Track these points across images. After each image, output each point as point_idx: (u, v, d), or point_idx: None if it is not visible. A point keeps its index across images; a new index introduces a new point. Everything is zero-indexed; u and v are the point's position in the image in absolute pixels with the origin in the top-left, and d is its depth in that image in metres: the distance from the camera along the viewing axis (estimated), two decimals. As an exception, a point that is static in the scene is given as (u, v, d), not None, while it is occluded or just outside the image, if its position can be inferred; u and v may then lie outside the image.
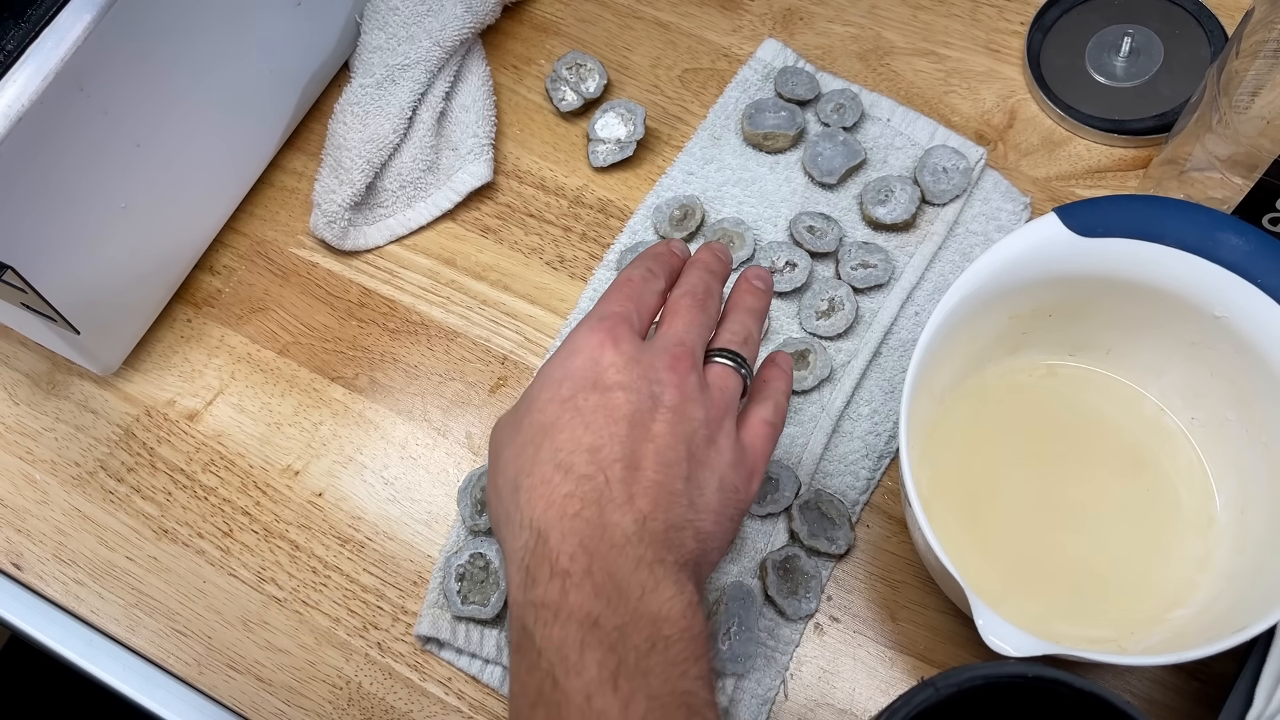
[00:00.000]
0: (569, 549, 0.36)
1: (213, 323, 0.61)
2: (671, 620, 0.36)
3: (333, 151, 0.61)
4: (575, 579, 0.36)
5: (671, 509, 0.39)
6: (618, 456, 0.38)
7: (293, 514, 0.57)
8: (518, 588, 0.37)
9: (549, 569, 0.36)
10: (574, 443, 0.39)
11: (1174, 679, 0.51)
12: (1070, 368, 0.54)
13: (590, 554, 0.36)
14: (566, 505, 0.37)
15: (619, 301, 0.43)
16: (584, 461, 0.38)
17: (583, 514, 0.37)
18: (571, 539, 0.36)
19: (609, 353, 0.40)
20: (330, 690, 0.53)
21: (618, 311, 0.42)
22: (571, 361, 0.41)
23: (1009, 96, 0.63)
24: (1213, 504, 0.51)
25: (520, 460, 0.40)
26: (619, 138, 0.62)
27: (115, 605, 0.56)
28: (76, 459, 0.58)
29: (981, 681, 0.39)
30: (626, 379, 0.40)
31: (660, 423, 0.40)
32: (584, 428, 0.39)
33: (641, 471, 0.39)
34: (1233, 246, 0.47)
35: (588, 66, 0.64)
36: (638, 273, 0.45)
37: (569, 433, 0.39)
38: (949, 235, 0.59)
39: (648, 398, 0.40)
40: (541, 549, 0.37)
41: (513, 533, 0.38)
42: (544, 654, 0.35)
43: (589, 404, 0.39)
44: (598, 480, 0.38)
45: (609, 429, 0.39)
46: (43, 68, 0.47)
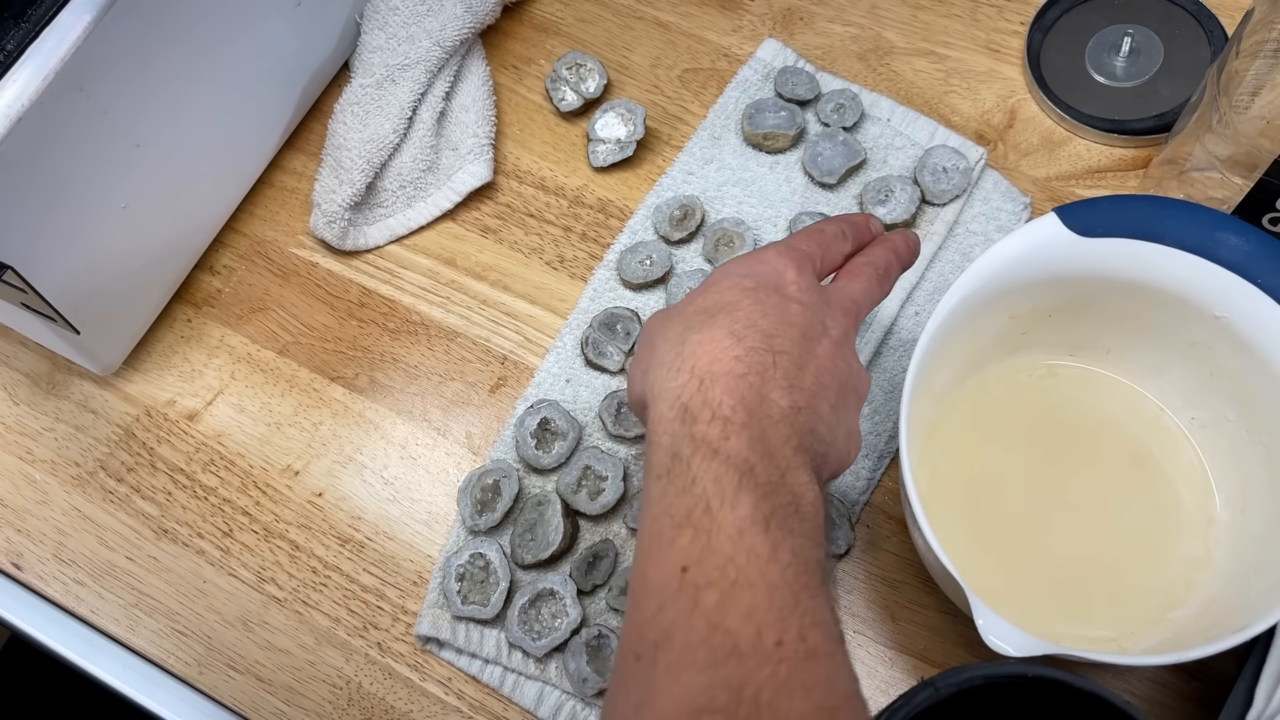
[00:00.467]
0: (731, 401, 0.37)
1: (213, 323, 0.61)
2: (808, 500, 0.37)
3: (333, 151, 0.61)
4: (735, 427, 0.36)
5: (819, 415, 0.39)
6: (786, 349, 0.39)
7: (293, 514, 0.57)
8: (673, 420, 0.37)
9: (710, 412, 0.37)
10: (750, 322, 0.39)
11: (1174, 679, 0.51)
12: (1070, 368, 0.54)
13: (749, 412, 0.37)
14: (734, 366, 0.38)
15: (808, 243, 0.45)
16: (757, 338, 0.39)
17: (747, 377, 0.38)
18: (734, 394, 0.37)
19: (792, 272, 0.42)
20: (330, 690, 0.53)
21: (805, 249, 0.44)
22: (757, 266, 0.42)
23: (1009, 96, 0.63)
24: (1212, 504, 0.51)
25: (690, 323, 0.40)
26: (619, 138, 0.62)
27: (115, 605, 0.56)
28: (76, 459, 0.58)
29: (981, 681, 0.39)
30: (805, 298, 0.41)
31: (825, 347, 0.41)
32: (762, 313, 0.40)
33: (805, 372, 0.39)
34: (1233, 246, 0.47)
35: (588, 66, 0.64)
36: (832, 228, 0.46)
37: (746, 313, 0.40)
38: (949, 235, 0.59)
39: (819, 323, 0.41)
40: (704, 392, 0.37)
41: (669, 375, 0.38)
42: (699, 481, 0.35)
43: (770, 300, 0.40)
44: (765, 359, 0.38)
45: (784, 326, 0.40)
46: (43, 68, 0.47)
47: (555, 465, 0.55)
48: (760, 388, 0.38)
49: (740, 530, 0.34)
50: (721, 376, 0.37)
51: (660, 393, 0.39)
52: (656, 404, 0.39)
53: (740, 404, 0.37)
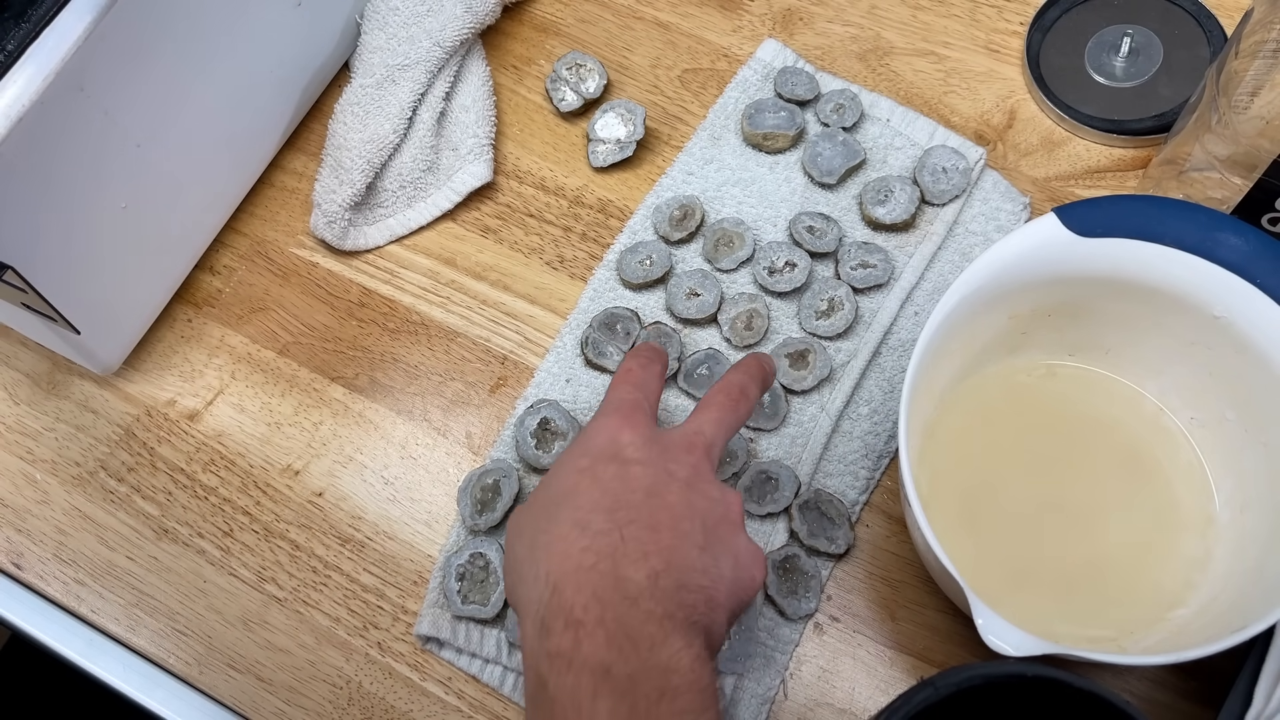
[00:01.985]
0: (583, 600, 0.37)
1: (213, 323, 0.61)
2: (680, 672, 0.36)
3: (333, 151, 0.61)
4: (588, 628, 0.36)
5: (684, 570, 0.39)
6: (633, 518, 0.39)
7: (293, 514, 0.57)
8: (533, 638, 0.38)
9: (563, 620, 0.37)
10: (592, 504, 0.40)
11: (1173, 678, 0.51)
12: (1069, 368, 0.54)
13: (603, 605, 0.37)
14: (582, 559, 0.38)
15: (627, 389, 0.45)
16: (601, 519, 0.39)
17: (598, 567, 0.38)
18: (585, 590, 0.37)
19: (627, 433, 0.42)
20: (330, 690, 0.53)
21: (629, 399, 0.45)
22: (590, 441, 0.43)
23: (1008, 96, 0.63)
24: (1212, 503, 0.51)
25: (538, 523, 0.41)
26: (619, 138, 0.62)
27: (115, 605, 0.56)
28: (77, 459, 0.59)
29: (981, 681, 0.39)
30: (644, 456, 0.42)
31: (675, 494, 0.41)
32: (601, 492, 0.40)
33: (657, 533, 0.39)
34: (1232, 246, 0.47)
35: (588, 67, 0.64)
36: (635, 363, 0.47)
37: (587, 496, 0.40)
38: (948, 235, 0.59)
39: (664, 473, 0.41)
40: (556, 600, 0.37)
41: (528, 589, 0.39)
42: (558, 702, 0.36)
43: (608, 473, 0.41)
44: (613, 537, 0.39)
45: (626, 495, 0.40)
46: (43, 68, 0.47)
47: (555, 465, 0.55)
48: (612, 572, 0.38)
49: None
50: (571, 575, 0.38)
51: (524, 610, 0.39)
52: (522, 622, 0.40)
53: (593, 599, 0.37)
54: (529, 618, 0.39)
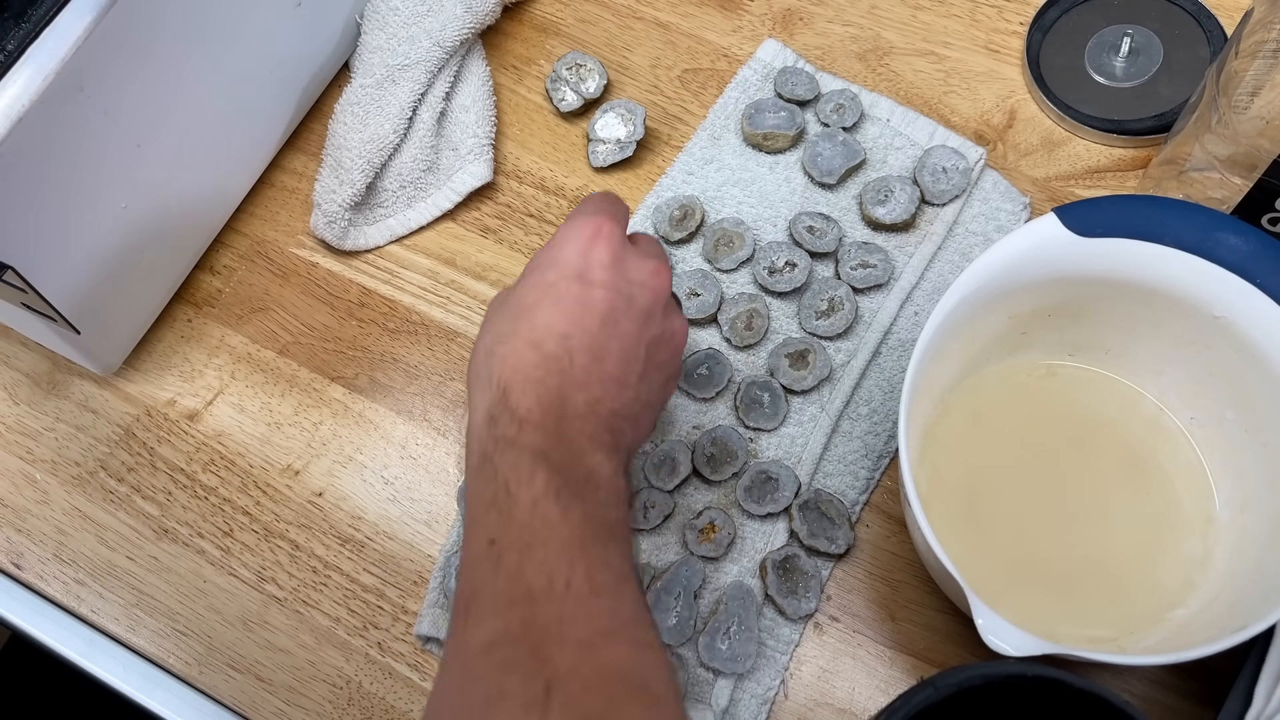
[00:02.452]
0: (527, 403, 0.41)
1: (213, 323, 0.61)
2: (601, 476, 0.41)
3: (333, 151, 0.61)
4: (531, 425, 0.41)
5: (620, 399, 0.43)
6: (584, 346, 0.42)
7: (293, 514, 0.57)
8: (480, 426, 0.42)
9: (509, 415, 0.41)
10: (548, 326, 0.42)
11: (1173, 678, 0.51)
12: (1069, 368, 0.54)
13: (544, 410, 0.41)
14: (531, 373, 0.42)
15: (607, 203, 0.46)
16: (553, 343, 0.42)
17: (545, 381, 0.41)
18: (530, 396, 0.41)
19: (598, 250, 0.44)
20: (330, 690, 0.53)
21: (607, 209, 0.45)
22: (562, 251, 0.44)
23: (1008, 97, 0.63)
24: (1212, 503, 0.51)
25: (500, 331, 0.43)
26: (619, 138, 0.62)
27: (115, 605, 0.56)
28: (77, 459, 0.59)
29: (981, 681, 0.39)
30: (608, 278, 0.43)
31: (630, 321, 0.43)
32: (560, 314, 0.43)
33: (603, 363, 0.43)
34: (1232, 246, 0.47)
35: (588, 67, 0.64)
36: (607, 195, 0.49)
37: (545, 315, 0.43)
38: (948, 235, 0.59)
39: (624, 298, 0.43)
40: (504, 400, 0.41)
41: (482, 389, 0.43)
42: (500, 471, 0.39)
43: (569, 293, 0.43)
44: (563, 361, 0.42)
45: (582, 321, 0.42)
46: (43, 68, 0.47)
47: (555, 465, 0.55)
48: (557, 390, 0.41)
49: (535, 501, 0.38)
50: (519, 383, 0.41)
51: (476, 405, 0.43)
52: (472, 414, 0.43)
53: (536, 404, 0.41)
54: (479, 412, 0.42)
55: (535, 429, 0.40)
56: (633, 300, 0.44)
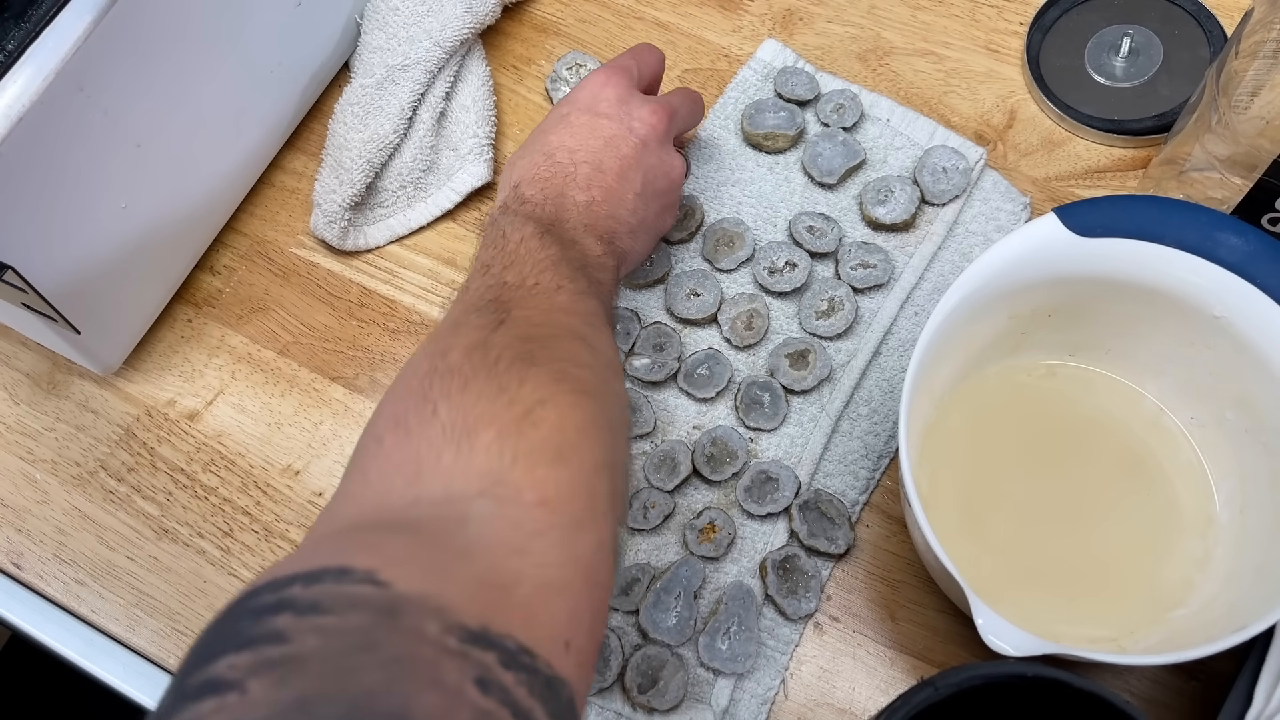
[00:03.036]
0: (535, 194, 0.49)
1: (213, 323, 0.61)
2: (593, 254, 0.48)
3: (333, 151, 0.61)
4: (534, 205, 0.48)
5: (616, 205, 0.50)
6: (587, 159, 0.50)
7: (293, 514, 0.57)
8: (495, 210, 0.49)
9: (519, 200, 0.49)
10: (558, 143, 0.51)
11: (1173, 678, 0.51)
12: (1069, 368, 0.54)
13: (547, 199, 0.49)
14: (539, 173, 0.50)
15: (627, 57, 0.55)
16: (563, 154, 0.50)
17: (551, 180, 0.49)
18: (537, 189, 0.49)
19: (608, 90, 0.52)
20: (330, 690, 0.53)
21: (623, 63, 0.54)
22: (578, 92, 0.53)
23: (1008, 97, 0.63)
24: (1212, 503, 0.51)
25: (521, 150, 0.52)
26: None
27: (116, 605, 0.56)
28: (77, 459, 0.59)
29: (981, 681, 0.39)
30: (613, 111, 0.52)
31: (629, 147, 0.51)
32: (570, 134, 0.51)
33: (603, 174, 0.50)
34: (1232, 247, 0.47)
35: (587, 67, 0.64)
36: (645, 45, 0.57)
37: (557, 136, 0.51)
38: (948, 235, 0.59)
39: (625, 129, 0.51)
40: (516, 192, 0.49)
41: (501, 190, 0.51)
42: (499, 225, 0.47)
43: (579, 121, 0.51)
44: (567, 168, 0.50)
45: (588, 141, 0.51)
46: (43, 68, 0.47)
47: (555, 465, 0.55)
48: (560, 189, 0.49)
49: (523, 239, 0.46)
50: (529, 180, 0.49)
51: (497, 201, 0.51)
52: (493, 208, 0.51)
53: (541, 194, 0.49)
54: (497, 204, 0.50)
55: (539, 209, 0.48)
56: (633, 130, 0.51)
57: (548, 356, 0.39)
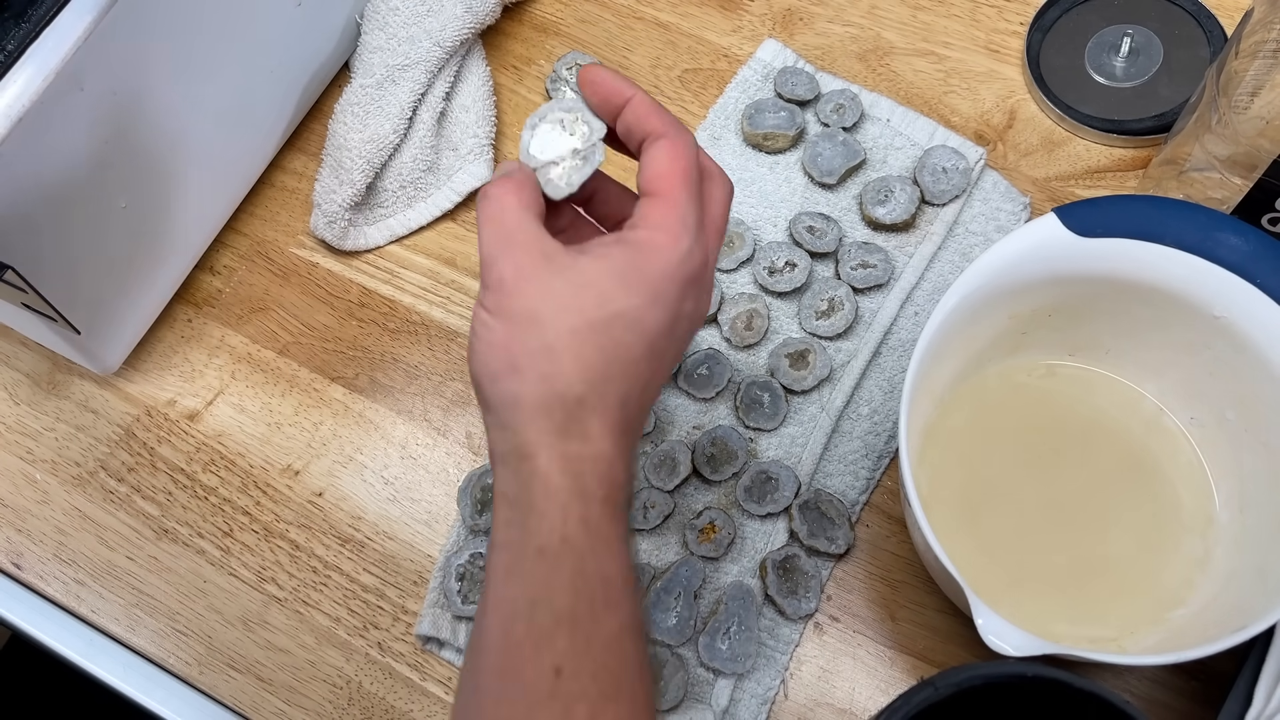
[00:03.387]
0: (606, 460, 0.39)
1: (213, 323, 0.61)
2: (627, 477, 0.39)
3: (333, 152, 0.61)
4: (608, 482, 0.39)
5: (643, 395, 0.40)
6: (627, 389, 0.39)
7: (293, 514, 0.57)
8: (525, 439, 0.38)
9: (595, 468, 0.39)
10: (634, 385, 0.40)
11: (1173, 678, 0.51)
12: (1070, 368, 0.54)
13: (612, 469, 0.39)
14: (617, 427, 0.39)
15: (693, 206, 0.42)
16: (634, 404, 0.40)
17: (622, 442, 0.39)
18: (610, 465, 0.39)
19: (653, 317, 0.40)
20: (330, 690, 0.53)
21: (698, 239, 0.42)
22: (659, 313, 0.41)
23: (1008, 97, 0.63)
24: (1212, 503, 0.51)
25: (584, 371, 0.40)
26: (573, 149, 0.43)
27: (115, 605, 0.56)
28: (77, 459, 0.58)
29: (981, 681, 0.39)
30: (684, 336, 0.42)
31: (674, 342, 0.41)
32: (597, 351, 0.39)
33: (646, 392, 0.40)
34: (1232, 247, 0.46)
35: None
36: (720, 179, 0.44)
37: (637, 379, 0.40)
38: (948, 235, 0.59)
39: (685, 339, 0.42)
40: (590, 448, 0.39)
41: (552, 413, 0.39)
42: (536, 482, 0.37)
43: (667, 356, 0.41)
44: (637, 420, 0.41)
45: (627, 359, 0.39)
46: (44, 68, 0.47)
47: (555, 465, 0.55)
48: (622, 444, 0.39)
49: (576, 527, 0.37)
50: (611, 453, 0.38)
51: (529, 414, 0.38)
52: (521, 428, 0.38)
53: (609, 468, 0.38)
54: (530, 431, 0.39)
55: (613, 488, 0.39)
56: (690, 334, 0.42)
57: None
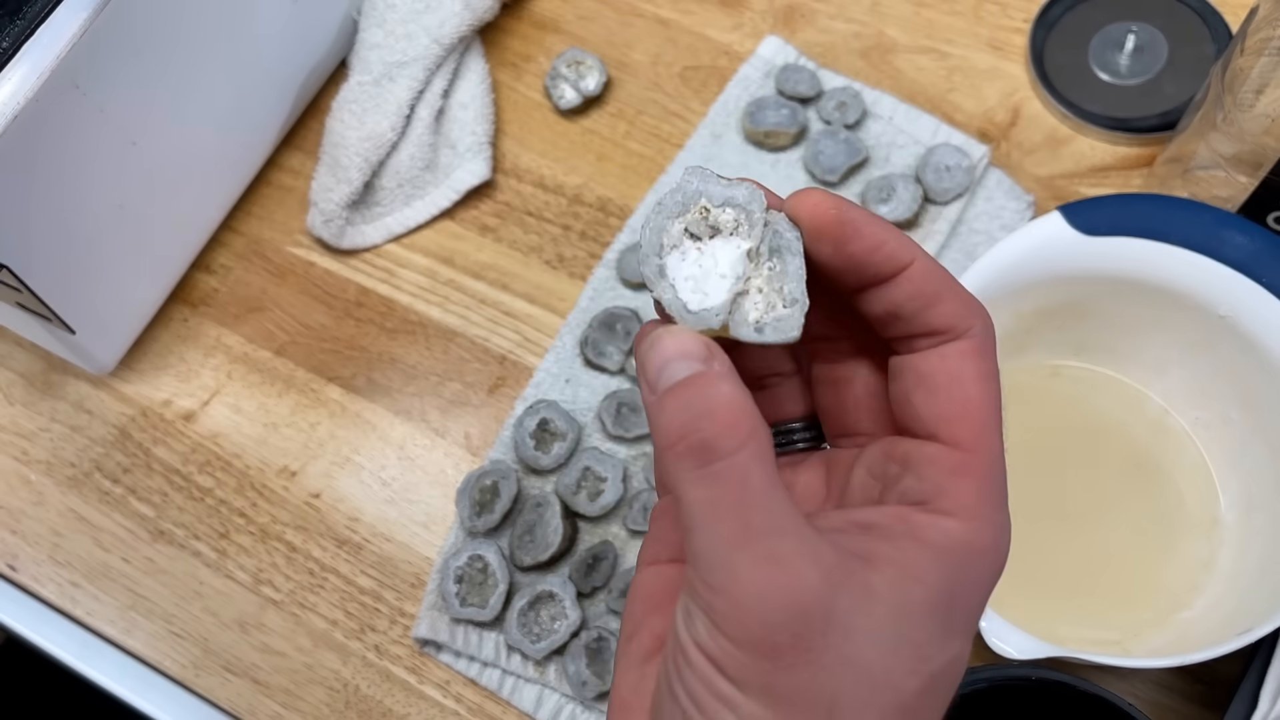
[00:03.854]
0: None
1: (209, 322, 0.61)
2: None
3: (330, 150, 0.60)
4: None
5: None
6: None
7: (290, 515, 0.56)
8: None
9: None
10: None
11: (1178, 681, 0.50)
12: (1074, 368, 0.54)
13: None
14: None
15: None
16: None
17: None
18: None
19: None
20: (328, 693, 0.53)
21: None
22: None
23: (1012, 94, 0.62)
24: (1217, 505, 0.51)
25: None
26: (750, 258, 0.43)
27: (111, 607, 0.55)
28: (72, 460, 0.58)
29: (984, 684, 0.39)
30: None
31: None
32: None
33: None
34: (1237, 245, 0.46)
35: (587, 64, 0.63)
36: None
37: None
38: (952, 234, 0.59)
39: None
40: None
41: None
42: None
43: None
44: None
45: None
46: (38, 66, 0.46)
47: (554, 466, 0.54)
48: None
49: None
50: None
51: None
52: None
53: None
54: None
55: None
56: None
57: None
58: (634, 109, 0.64)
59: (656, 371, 0.24)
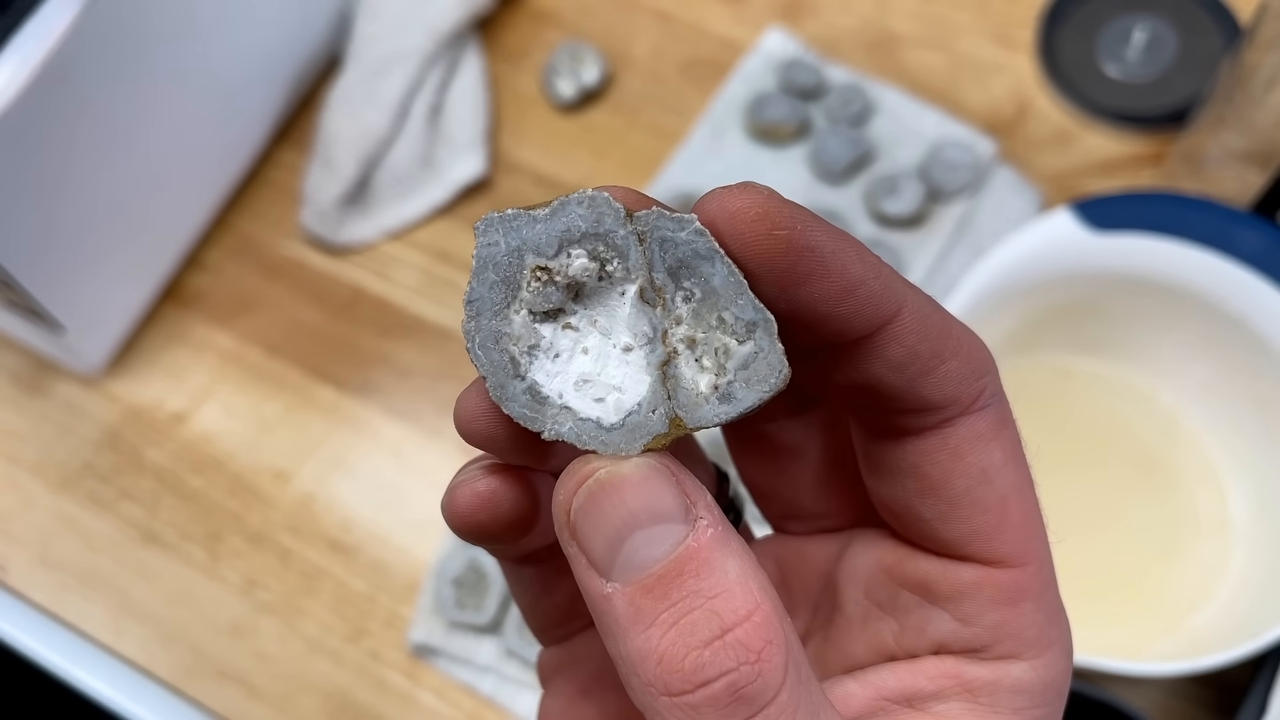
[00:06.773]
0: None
1: (201, 321, 0.60)
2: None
3: (323, 145, 0.60)
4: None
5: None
6: None
7: (282, 518, 0.55)
8: None
9: None
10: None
11: (1188, 686, 0.50)
12: (1082, 367, 0.53)
13: None
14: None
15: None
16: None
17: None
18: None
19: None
20: (321, 699, 0.52)
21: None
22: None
23: (1019, 89, 0.62)
24: (1228, 507, 0.50)
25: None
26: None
27: (101, 611, 0.54)
28: (62, 461, 0.57)
29: (993, 693, 0.38)
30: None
31: None
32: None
33: None
34: (1249, 242, 0.46)
35: (586, 58, 0.63)
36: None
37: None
38: (958, 230, 0.58)
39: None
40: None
41: None
42: None
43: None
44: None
45: None
46: (27, 60, 0.46)
47: (552, 467, 0.53)
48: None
49: None
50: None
51: None
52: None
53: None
54: None
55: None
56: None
57: None
58: (634, 103, 0.63)
59: (607, 552, 0.17)
